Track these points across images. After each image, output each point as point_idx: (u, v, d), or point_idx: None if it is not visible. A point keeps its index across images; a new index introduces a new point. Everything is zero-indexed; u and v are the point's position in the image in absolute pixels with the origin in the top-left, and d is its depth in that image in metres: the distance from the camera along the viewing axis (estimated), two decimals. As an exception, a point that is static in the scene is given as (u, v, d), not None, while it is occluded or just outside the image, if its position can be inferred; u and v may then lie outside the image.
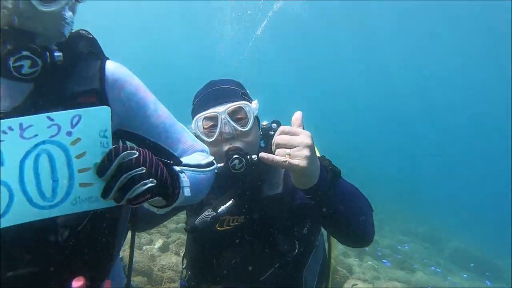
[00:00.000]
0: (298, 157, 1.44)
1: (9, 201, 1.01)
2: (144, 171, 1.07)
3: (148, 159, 1.11)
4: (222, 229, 1.97)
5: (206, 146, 1.74)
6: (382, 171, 33.75)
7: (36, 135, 1.03)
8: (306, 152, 1.44)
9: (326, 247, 2.33)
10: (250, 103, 2.05)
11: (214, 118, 1.98)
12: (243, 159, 1.90)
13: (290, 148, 1.46)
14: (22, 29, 1.20)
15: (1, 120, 1.00)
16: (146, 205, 1.20)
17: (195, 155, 1.59)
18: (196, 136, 2.04)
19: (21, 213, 1.02)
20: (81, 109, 1.07)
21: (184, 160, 1.45)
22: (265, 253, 1.96)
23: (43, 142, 1.04)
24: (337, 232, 1.87)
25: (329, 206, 1.62)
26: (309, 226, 2.03)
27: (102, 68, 1.43)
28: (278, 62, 36.45)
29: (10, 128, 1.01)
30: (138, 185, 1.06)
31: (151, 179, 1.08)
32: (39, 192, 1.04)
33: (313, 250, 2.12)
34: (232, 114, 1.97)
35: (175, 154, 1.57)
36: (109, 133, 1.10)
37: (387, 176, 31.98)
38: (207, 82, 2.16)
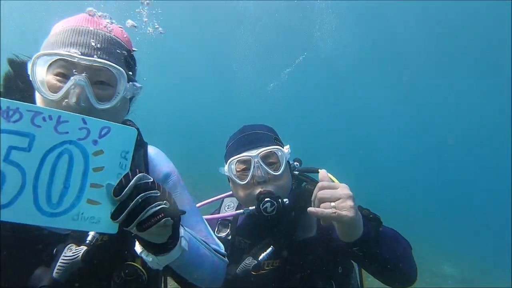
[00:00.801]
0: (345, 208, 1.51)
1: (17, 192, 0.99)
2: (159, 194, 1.11)
3: (161, 186, 1.15)
4: (257, 273, 1.98)
5: (221, 244, 1.76)
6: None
7: (67, 132, 1.04)
8: (350, 202, 1.53)
9: (358, 281, 2.32)
10: (282, 147, 2.13)
11: (247, 162, 2.06)
12: (275, 202, 1.94)
13: (334, 201, 1.53)
14: None
15: (44, 108, 1.04)
16: (144, 254, 1.24)
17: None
18: (229, 179, 2.16)
19: (22, 211, 0.98)
20: (114, 123, 1.10)
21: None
22: None
23: (70, 142, 1.05)
24: (381, 276, 1.87)
25: (376, 255, 1.66)
26: (343, 266, 2.05)
27: (145, 155, 1.63)
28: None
29: (50, 117, 1.03)
30: (152, 205, 1.09)
31: (164, 201, 1.12)
32: (47, 194, 1.01)
33: None
34: (265, 158, 2.05)
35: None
36: (130, 156, 1.10)
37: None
38: (241, 127, 2.26)
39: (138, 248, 1.28)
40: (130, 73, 1.49)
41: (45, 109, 1.04)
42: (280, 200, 1.95)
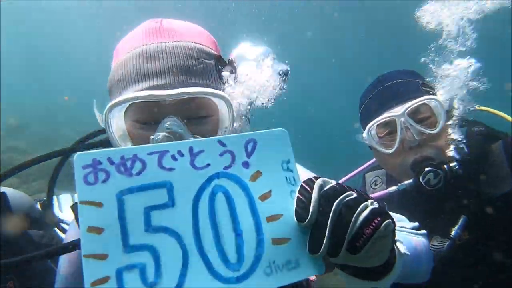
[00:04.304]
0: None
1: (183, 263, 0.72)
2: (355, 194, 0.79)
3: (347, 187, 0.84)
4: (452, 253, 1.59)
5: (400, 215, 1.41)
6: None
7: (209, 164, 0.80)
8: None
9: None
10: (435, 94, 1.62)
11: (391, 123, 1.62)
12: (439, 171, 1.50)
13: None
14: None
15: (169, 143, 0.81)
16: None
17: None
18: (371, 148, 1.75)
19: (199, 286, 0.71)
20: (256, 132, 0.87)
21: None
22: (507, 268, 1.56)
23: (217, 175, 0.80)
24: None
25: None
26: None
27: None
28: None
29: (180, 153, 0.79)
30: (358, 211, 0.75)
31: (370, 201, 0.80)
32: (220, 253, 0.75)
33: None
34: (414, 114, 1.59)
35: None
36: (293, 165, 0.87)
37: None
38: (375, 79, 1.78)
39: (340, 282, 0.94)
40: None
41: (170, 144, 0.80)
42: (446, 166, 1.51)
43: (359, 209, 0.77)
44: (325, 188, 0.80)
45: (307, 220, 0.77)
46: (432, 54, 1.62)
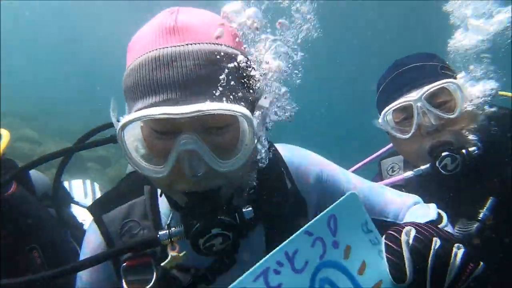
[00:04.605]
0: None
1: None
2: (439, 241, 0.85)
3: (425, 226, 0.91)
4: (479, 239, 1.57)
5: (416, 196, 1.41)
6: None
7: (307, 262, 0.81)
8: None
9: None
10: (455, 78, 1.56)
11: (407, 109, 1.57)
12: (457, 156, 1.46)
13: None
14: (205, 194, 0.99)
15: (267, 257, 0.78)
16: None
17: (414, 211, 1.30)
18: (387, 133, 1.69)
19: None
20: (329, 208, 0.87)
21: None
22: None
23: (317, 269, 0.81)
24: None
25: None
26: None
27: (280, 163, 1.26)
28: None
29: (280, 264, 0.78)
30: (451, 260, 0.83)
31: (456, 244, 0.86)
32: None
33: None
34: (432, 98, 1.53)
35: (388, 220, 1.32)
36: (371, 225, 0.91)
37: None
38: (392, 64, 1.72)
39: None
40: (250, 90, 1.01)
41: (268, 259, 0.78)
42: (464, 151, 1.47)
43: (451, 260, 0.83)
44: (412, 243, 0.85)
45: (407, 281, 0.83)
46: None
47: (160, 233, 1.01)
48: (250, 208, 1.03)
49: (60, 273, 0.99)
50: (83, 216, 2.22)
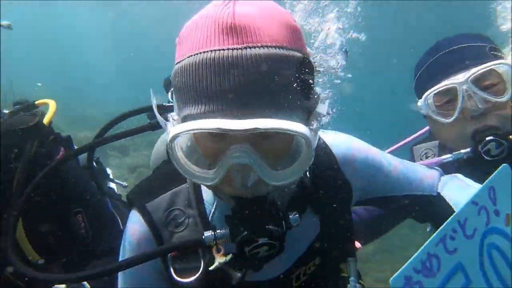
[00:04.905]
0: None
1: None
2: None
3: None
4: None
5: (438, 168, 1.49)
6: None
7: (475, 229, 0.90)
8: None
9: None
10: (504, 58, 1.47)
11: (451, 91, 1.49)
12: (502, 141, 1.39)
13: None
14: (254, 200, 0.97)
15: (443, 226, 0.86)
16: None
17: (453, 186, 1.35)
18: (427, 117, 1.64)
19: None
20: (487, 180, 0.95)
21: (451, 196, 1.30)
22: None
23: (484, 235, 0.90)
24: None
25: None
26: None
27: (328, 150, 1.25)
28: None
29: (454, 231, 0.86)
30: None
31: None
32: None
33: None
34: (478, 81, 1.44)
35: (425, 194, 1.37)
36: None
37: None
38: (434, 44, 1.63)
39: None
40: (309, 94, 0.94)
41: (445, 227, 0.86)
42: (511, 136, 1.40)
43: None
44: None
45: None
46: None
47: (205, 234, 1.02)
48: (297, 215, 1.03)
49: (114, 270, 1.06)
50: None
